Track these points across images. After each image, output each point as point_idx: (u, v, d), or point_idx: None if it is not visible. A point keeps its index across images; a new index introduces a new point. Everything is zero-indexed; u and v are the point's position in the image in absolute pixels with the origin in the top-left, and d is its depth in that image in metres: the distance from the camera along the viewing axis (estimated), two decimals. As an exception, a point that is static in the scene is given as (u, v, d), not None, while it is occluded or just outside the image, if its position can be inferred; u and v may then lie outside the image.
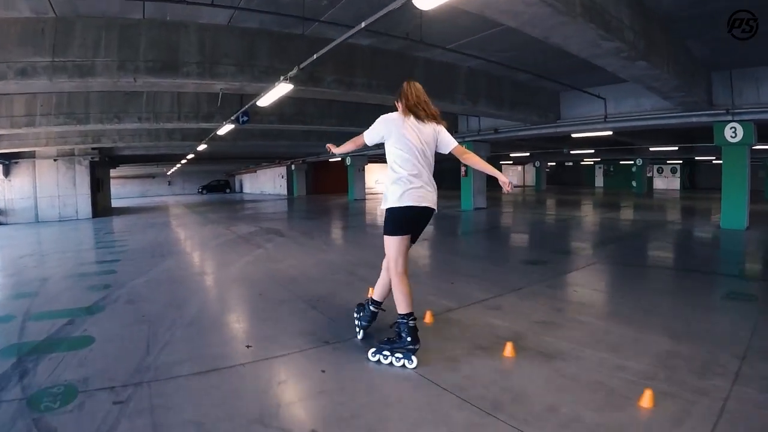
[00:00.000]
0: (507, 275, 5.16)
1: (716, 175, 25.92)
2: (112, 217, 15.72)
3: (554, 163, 34.01)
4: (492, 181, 3.65)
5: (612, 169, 31.05)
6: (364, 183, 22.62)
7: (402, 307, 2.75)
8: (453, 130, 13.81)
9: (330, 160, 25.81)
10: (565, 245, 7.45)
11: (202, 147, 14.71)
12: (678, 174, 28.57)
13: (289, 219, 13.30)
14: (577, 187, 31.33)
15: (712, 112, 8.56)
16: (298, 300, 4.20)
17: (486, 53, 7.80)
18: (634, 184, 25.12)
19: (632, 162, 25.16)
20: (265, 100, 6.55)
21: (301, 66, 5.36)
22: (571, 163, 32.72)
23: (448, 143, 2.89)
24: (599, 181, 32.38)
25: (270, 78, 6.25)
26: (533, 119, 11.08)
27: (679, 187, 28.10)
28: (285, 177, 30.91)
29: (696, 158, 24.01)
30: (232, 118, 9.12)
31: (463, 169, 14.17)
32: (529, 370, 2.65)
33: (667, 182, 28.72)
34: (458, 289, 4.52)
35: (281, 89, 5.86)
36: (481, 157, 3.06)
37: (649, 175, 26.88)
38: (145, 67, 5.37)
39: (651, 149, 19.26)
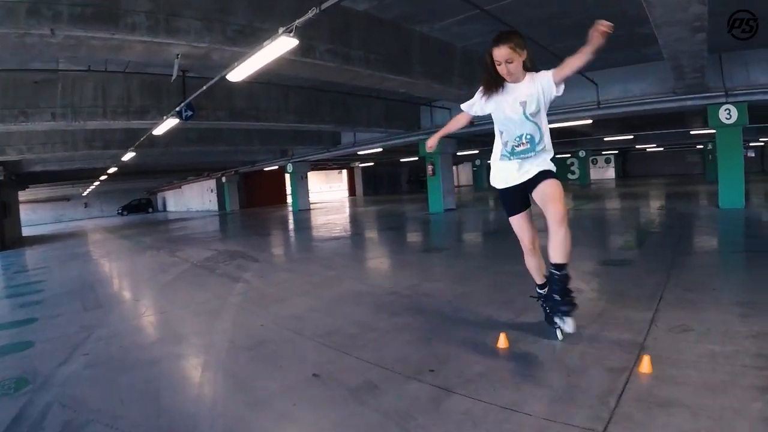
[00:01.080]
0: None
1: (648, 163, 29.47)
2: (23, 248, 13.43)
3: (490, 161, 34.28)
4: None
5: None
6: (307, 191, 21.28)
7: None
8: (415, 125, 13.25)
9: (265, 168, 23.70)
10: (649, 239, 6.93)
11: (128, 156, 12.47)
12: (612, 164, 30.71)
13: (243, 237, 11.50)
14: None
15: (708, 94, 8.70)
16: (387, 376, 2.59)
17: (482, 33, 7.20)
18: (570, 176, 26.79)
19: (569, 155, 26.72)
20: (241, 72, 4.86)
21: (298, 23, 3.90)
22: None
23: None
24: None
25: (248, 41, 4.68)
26: None
27: (614, 177, 30.21)
28: (215, 191, 28.81)
29: (637, 146, 25.90)
30: (177, 109, 7.26)
31: (430, 168, 13.52)
32: None
33: (601, 172, 30.70)
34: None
35: (276, 48, 4.20)
36: (447, 154, 2.40)
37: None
38: (70, 14, 3.53)
39: (606, 139, 20.32)
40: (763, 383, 2.21)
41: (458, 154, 23.75)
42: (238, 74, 4.95)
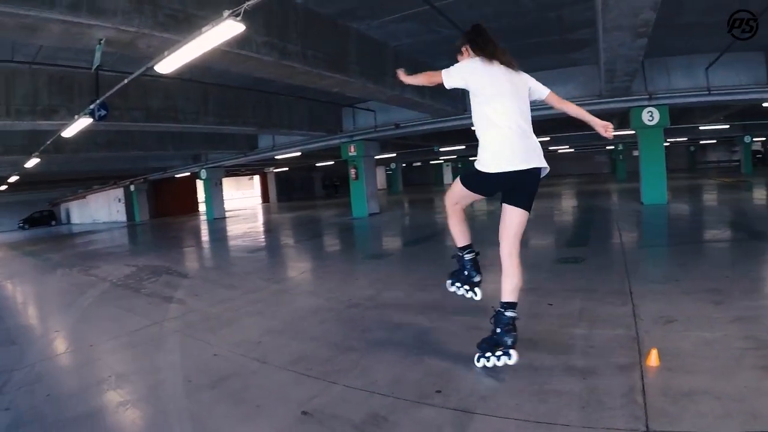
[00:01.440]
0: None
1: (557, 164, 31.12)
2: None
3: (403, 164, 34.87)
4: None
5: (460, 165, 33.45)
6: (222, 199, 19.99)
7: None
8: (337, 128, 13.05)
9: (176, 176, 21.81)
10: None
11: (32, 163, 10.91)
12: None
13: (163, 250, 10.25)
14: (427, 186, 33.14)
15: (632, 97, 9.57)
16: (391, 404, 2.23)
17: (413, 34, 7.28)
18: None
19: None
20: (172, 62, 4.15)
21: (248, 5, 3.42)
22: (419, 163, 33.82)
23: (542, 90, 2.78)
24: (448, 179, 34.48)
25: (181, 27, 4.08)
26: (448, 110, 10.78)
27: None
28: (123, 200, 26.00)
29: (550, 148, 27.95)
30: (90, 108, 6.23)
31: (353, 171, 13.44)
32: None
33: None
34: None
35: (220, 34, 3.61)
36: (370, 157, 2.43)
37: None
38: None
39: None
40: (764, 362, 2.31)
41: (377, 157, 24.09)
42: (168, 65, 4.21)
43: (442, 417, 2.09)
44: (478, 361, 2.55)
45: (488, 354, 2.51)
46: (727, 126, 16.73)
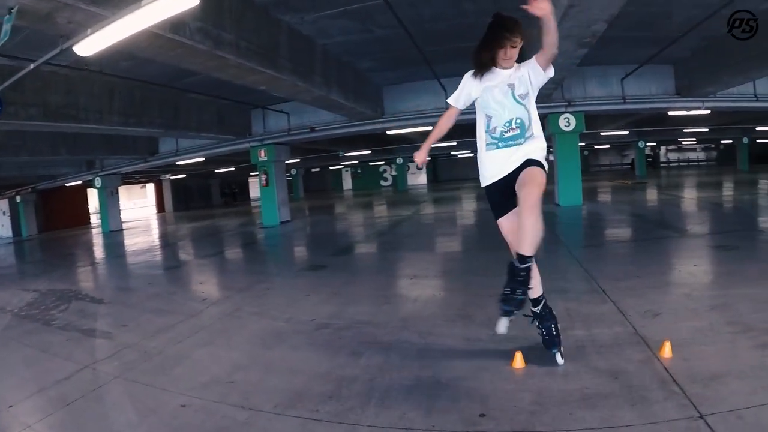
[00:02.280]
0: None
1: (457, 168, 34.29)
2: None
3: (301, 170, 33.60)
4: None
5: (360, 171, 34.30)
6: (119, 209, 17.90)
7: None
8: (246, 131, 12.58)
9: (67, 184, 19.28)
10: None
11: None
12: (424, 169, 33.71)
13: (63, 270, 8.54)
14: (326, 192, 33.09)
15: (552, 104, 10.48)
16: None
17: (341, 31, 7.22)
18: (383, 183, 29.33)
19: (383, 162, 28.77)
20: (94, 43, 3.45)
21: None
22: (318, 169, 33.48)
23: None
24: (347, 184, 34.87)
25: (111, 2, 3.34)
26: (368, 113, 10.82)
27: (426, 182, 33.90)
28: (8, 213, 21.64)
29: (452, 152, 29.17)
30: None
31: (264, 177, 12.94)
32: None
33: (413, 178, 33.49)
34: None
35: (169, 7, 3.01)
36: (281, 162, 2.67)
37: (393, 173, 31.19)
38: None
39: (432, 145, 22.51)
40: (757, 343, 2.62)
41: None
42: (90, 45, 3.46)
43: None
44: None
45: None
46: (626, 132, 19.64)
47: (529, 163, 2.55)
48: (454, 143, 22.09)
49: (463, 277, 5.10)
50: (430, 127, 12.55)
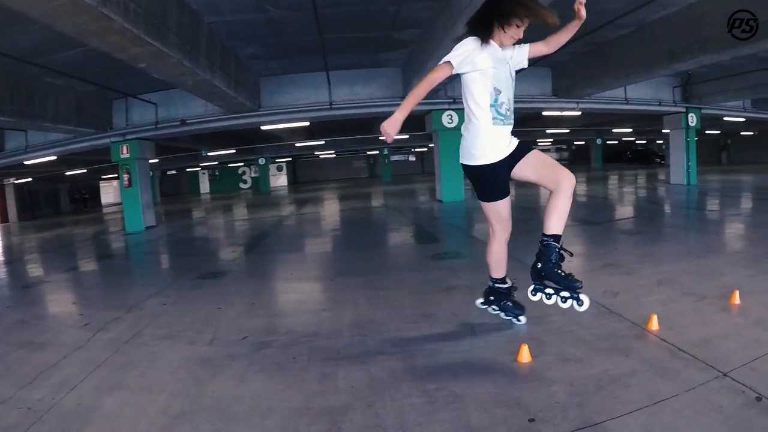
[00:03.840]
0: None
1: (317, 169, 34.99)
2: None
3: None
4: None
5: (218, 173, 33.01)
6: None
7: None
8: (106, 124, 11.07)
9: None
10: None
11: None
12: (284, 171, 33.87)
13: None
14: (184, 195, 30.93)
15: (434, 100, 10.98)
16: None
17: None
18: (242, 185, 28.94)
19: (242, 164, 28.34)
20: None
21: None
22: (174, 171, 31.51)
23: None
24: (205, 187, 33.25)
25: None
26: (247, 105, 9.98)
27: (286, 183, 33.36)
28: None
29: (316, 153, 29.08)
30: None
31: (126, 177, 11.31)
32: None
33: (274, 180, 32.49)
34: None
35: None
36: (145, 160, 2.99)
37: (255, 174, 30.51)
38: None
39: (299, 144, 22.06)
40: (717, 308, 3.02)
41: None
42: None
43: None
44: (534, 294, 2.71)
45: (551, 291, 2.65)
46: (407, 136, 21.76)
47: (527, 145, 2.64)
48: (321, 142, 22.22)
49: (390, 274, 4.86)
50: (307, 123, 12.29)
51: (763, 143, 28.66)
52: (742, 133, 26.55)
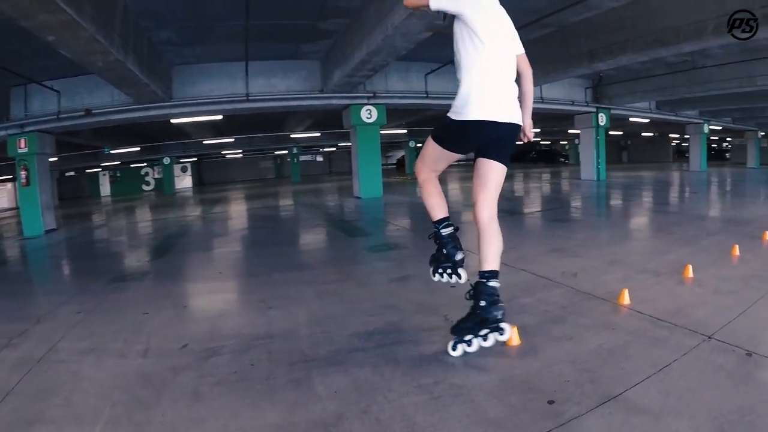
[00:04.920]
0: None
1: (223, 170, 34.14)
2: None
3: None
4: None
5: (119, 174, 31.53)
6: None
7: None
8: (3, 116, 9.94)
9: None
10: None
11: None
12: (189, 172, 32.45)
13: None
14: (84, 198, 28.14)
15: (354, 95, 10.93)
16: None
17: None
18: (145, 187, 28.11)
19: (145, 164, 27.36)
20: None
21: None
22: (73, 173, 29.26)
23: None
24: (106, 190, 31.48)
25: None
26: (158, 94, 9.18)
27: (191, 185, 31.96)
28: None
29: (223, 152, 28.45)
30: None
31: (24, 174, 10.13)
32: None
33: (178, 181, 30.93)
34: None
35: None
36: (45, 155, 3.16)
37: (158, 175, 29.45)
38: None
39: (207, 141, 21.08)
40: (674, 282, 3.28)
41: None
42: None
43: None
44: (455, 348, 2.36)
45: (469, 337, 2.35)
46: (405, 131, 22.70)
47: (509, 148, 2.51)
48: (231, 139, 21.39)
49: (331, 268, 4.65)
50: (220, 116, 11.71)
51: (661, 144, 32.99)
52: (643, 134, 30.17)
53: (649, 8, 7.09)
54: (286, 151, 29.49)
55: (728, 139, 32.61)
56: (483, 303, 2.29)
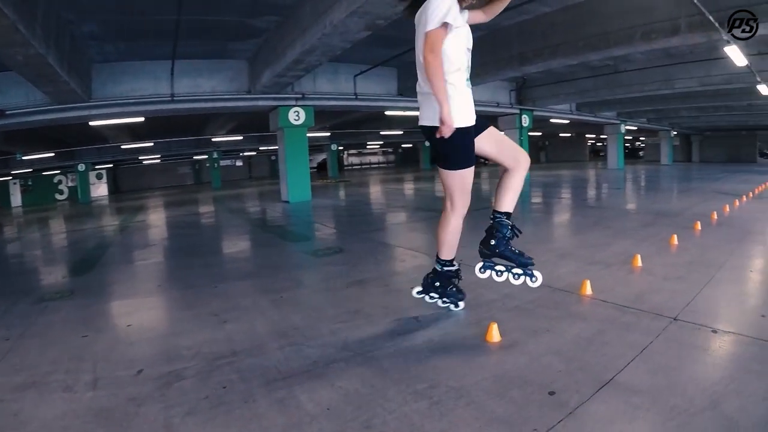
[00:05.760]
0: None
1: (139, 177, 33.10)
2: None
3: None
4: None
5: (31, 183, 29.28)
6: None
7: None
8: None
9: None
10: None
11: None
12: (104, 179, 30.85)
13: None
14: None
15: (282, 96, 10.79)
16: None
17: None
18: (59, 197, 27.54)
19: (58, 171, 26.56)
20: None
21: None
22: None
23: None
24: (17, 200, 28.92)
25: None
26: (75, 94, 8.54)
27: (107, 193, 30.35)
28: None
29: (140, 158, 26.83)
30: None
31: None
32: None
33: (94, 189, 29.44)
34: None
35: None
36: None
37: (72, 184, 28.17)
38: None
39: (126, 146, 19.73)
40: (625, 272, 3.60)
41: None
42: None
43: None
44: (483, 271, 2.90)
45: (502, 268, 2.87)
46: (328, 134, 22.62)
47: (487, 121, 2.83)
48: (150, 144, 20.53)
49: (279, 274, 4.46)
50: (142, 119, 11.09)
51: (577, 144, 35.86)
52: (561, 135, 32.59)
53: (581, 14, 7.74)
54: (206, 156, 28.77)
55: (641, 138, 36.38)
56: (506, 236, 2.77)
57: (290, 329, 2.93)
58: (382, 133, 24.89)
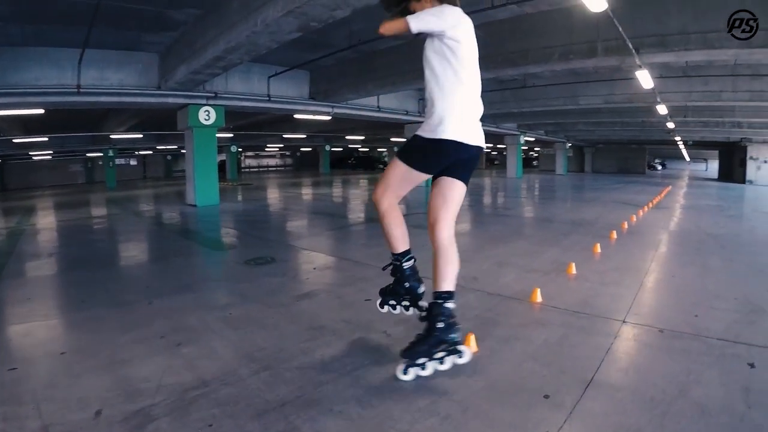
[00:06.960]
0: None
1: (27, 175, 30.41)
2: None
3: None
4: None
5: None
6: None
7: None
8: None
9: None
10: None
11: None
12: None
13: None
14: None
15: (196, 93, 10.47)
16: None
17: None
18: None
19: None
20: None
21: None
22: None
23: None
24: None
25: None
26: None
27: None
28: None
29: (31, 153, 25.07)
30: None
31: None
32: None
33: None
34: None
35: None
36: None
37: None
38: None
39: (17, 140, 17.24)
40: (605, 265, 3.98)
41: None
42: None
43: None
44: (406, 372, 2.43)
45: (422, 360, 2.43)
46: (231, 135, 21.70)
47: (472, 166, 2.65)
48: (45, 138, 18.72)
49: (218, 288, 4.36)
50: (42, 110, 10.17)
51: None
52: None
53: (501, 30, 8.43)
54: (101, 154, 27.00)
55: (536, 148, 39.96)
56: (441, 325, 2.39)
57: (256, 351, 2.84)
58: (285, 136, 24.61)
